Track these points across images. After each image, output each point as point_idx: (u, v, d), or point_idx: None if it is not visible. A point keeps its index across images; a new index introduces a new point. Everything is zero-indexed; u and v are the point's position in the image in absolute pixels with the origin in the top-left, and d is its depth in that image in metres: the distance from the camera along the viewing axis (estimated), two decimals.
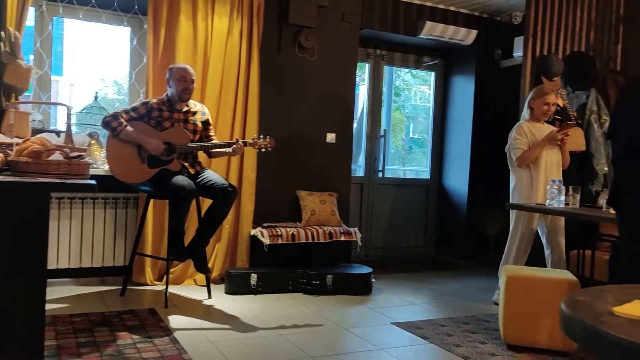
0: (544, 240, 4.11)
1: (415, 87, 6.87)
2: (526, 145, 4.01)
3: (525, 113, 4.19)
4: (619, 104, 2.88)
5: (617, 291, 1.18)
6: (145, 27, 4.43)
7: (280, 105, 4.87)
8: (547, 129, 4.06)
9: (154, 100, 3.89)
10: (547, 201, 3.72)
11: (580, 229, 4.01)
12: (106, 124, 3.70)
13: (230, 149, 3.84)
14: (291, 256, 4.54)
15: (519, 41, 5.33)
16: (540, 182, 3.99)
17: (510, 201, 4.06)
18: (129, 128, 3.70)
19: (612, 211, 3.00)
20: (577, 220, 3.84)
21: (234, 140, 3.84)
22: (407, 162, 7.01)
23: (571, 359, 3.12)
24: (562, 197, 3.65)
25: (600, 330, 0.91)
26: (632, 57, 4.87)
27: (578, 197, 3.69)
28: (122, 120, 3.70)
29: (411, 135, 7.06)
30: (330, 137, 5.12)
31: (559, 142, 4.01)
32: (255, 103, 4.57)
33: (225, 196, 3.74)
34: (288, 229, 4.50)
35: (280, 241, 4.43)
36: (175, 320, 3.47)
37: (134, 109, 3.80)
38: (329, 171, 5.12)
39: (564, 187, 3.67)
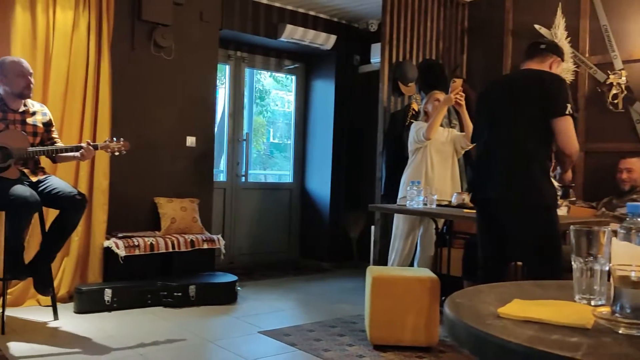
0: (418, 240, 4.26)
1: (275, 91, 6.84)
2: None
3: (421, 117, 4.38)
4: (477, 111, 3.04)
5: (489, 291, 1.19)
6: None
7: (135, 107, 4.54)
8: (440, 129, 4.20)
9: None
10: (407, 202, 3.84)
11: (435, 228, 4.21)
12: None
13: (78, 154, 3.47)
14: (150, 268, 4.24)
15: (375, 48, 5.52)
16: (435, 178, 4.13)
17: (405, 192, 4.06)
18: None
19: (466, 210, 3.18)
20: (433, 218, 4.02)
21: (83, 144, 3.47)
22: (268, 167, 6.96)
23: (432, 353, 3.24)
24: (421, 198, 3.79)
25: (487, 334, 0.88)
26: (475, 66, 5.27)
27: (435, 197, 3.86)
28: None
29: (272, 140, 7.02)
30: (191, 140, 4.88)
31: (458, 104, 4.03)
32: (107, 104, 4.21)
33: (73, 206, 3.36)
34: (146, 239, 4.20)
35: (137, 252, 4.12)
36: (16, 348, 3.05)
37: None
38: (190, 176, 4.88)
39: (422, 188, 3.82)
